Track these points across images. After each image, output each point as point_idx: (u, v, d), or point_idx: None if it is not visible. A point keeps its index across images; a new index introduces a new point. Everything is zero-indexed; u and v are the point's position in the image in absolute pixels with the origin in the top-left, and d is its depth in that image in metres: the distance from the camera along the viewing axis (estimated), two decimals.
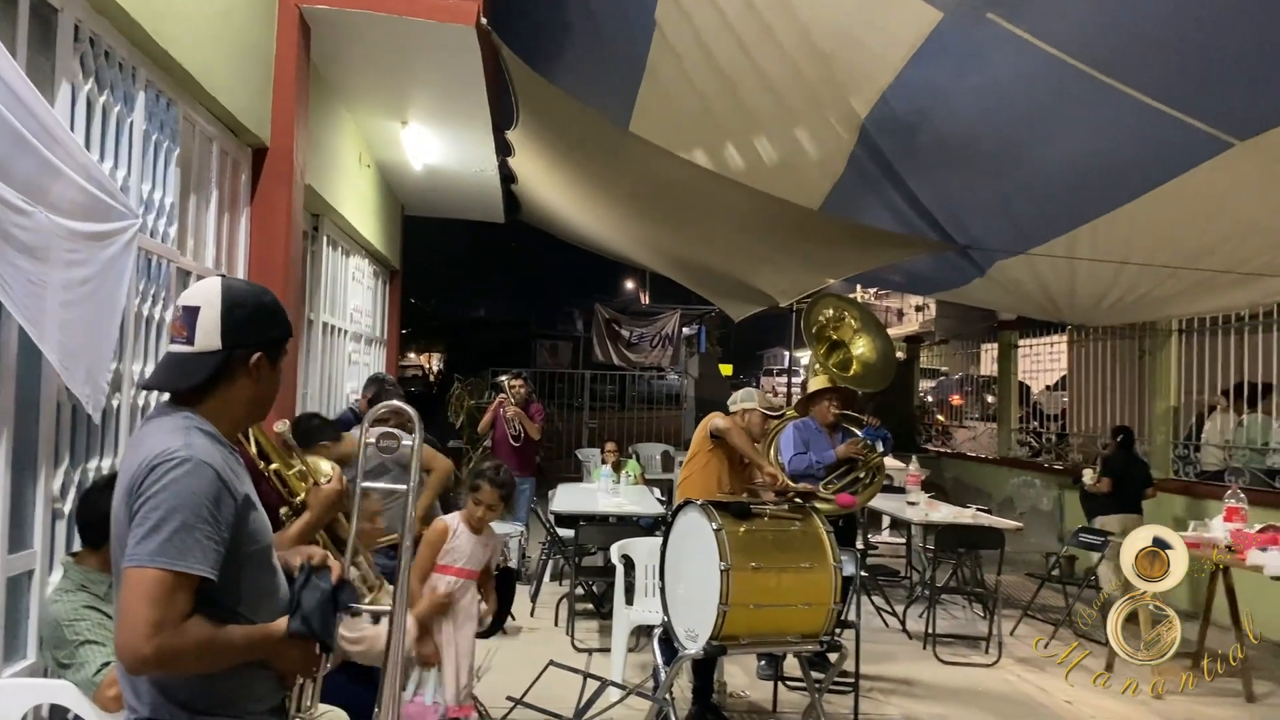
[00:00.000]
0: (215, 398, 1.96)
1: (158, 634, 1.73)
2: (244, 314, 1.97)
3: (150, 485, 1.80)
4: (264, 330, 2.00)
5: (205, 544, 1.79)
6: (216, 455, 1.88)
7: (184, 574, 1.76)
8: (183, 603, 1.77)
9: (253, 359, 1.97)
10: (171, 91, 4.26)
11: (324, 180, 6.60)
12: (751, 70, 5.77)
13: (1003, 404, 12.66)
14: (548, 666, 4.91)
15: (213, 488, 1.83)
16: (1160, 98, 4.69)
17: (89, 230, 3.21)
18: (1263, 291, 6.74)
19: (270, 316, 2.03)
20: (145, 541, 1.77)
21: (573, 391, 17.18)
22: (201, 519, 1.80)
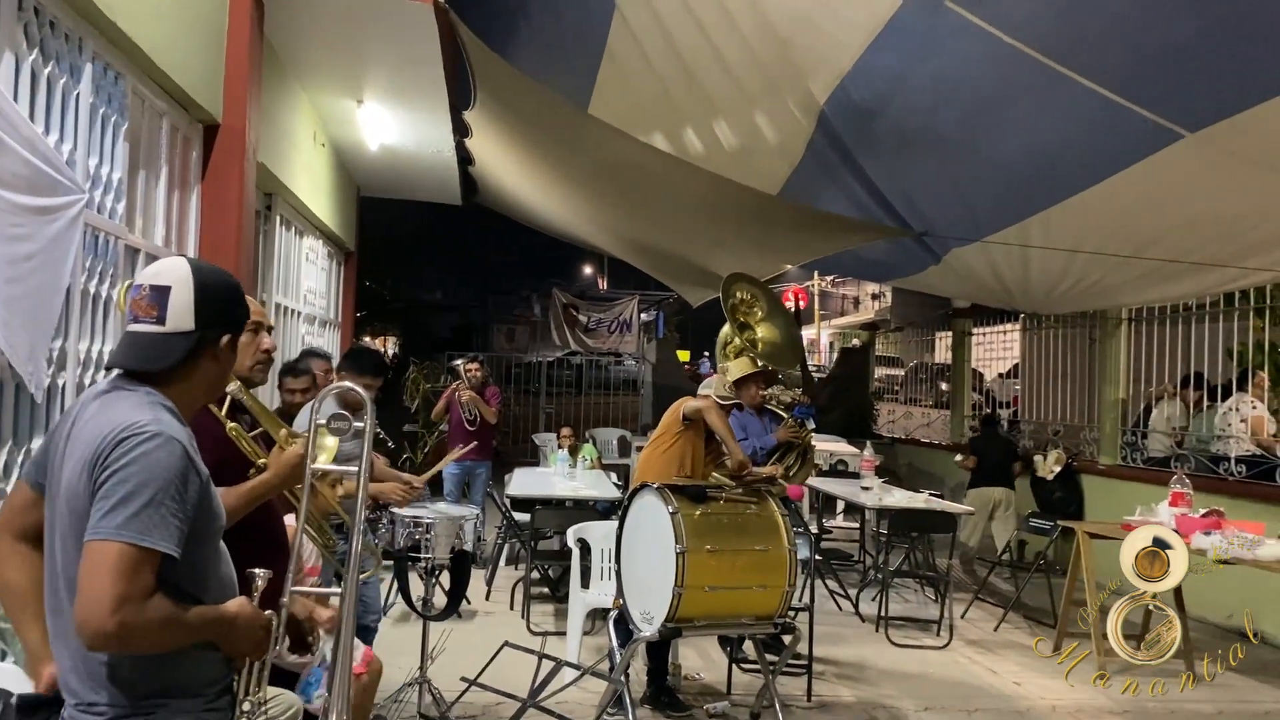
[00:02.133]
0: (182, 378, 1.95)
1: (121, 609, 1.70)
2: (215, 295, 1.98)
3: (118, 458, 1.77)
4: (233, 311, 2.03)
5: (171, 521, 1.77)
6: (183, 433, 1.87)
7: (150, 550, 1.74)
8: (147, 579, 1.74)
9: (223, 340, 1.99)
10: (120, 65, 4.16)
11: (277, 159, 6.50)
12: (711, 54, 5.76)
13: (956, 391, 12.81)
14: (502, 647, 4.90)
15: (181, 464, 1.81)
16: (1113, 88, 4.75)
17: (34, 205, 3.13)
18: (1209, 281, 6.87)
19: (237, 298, 2.06)
20: (112, 515, 1.74)
21: (530, 376, 17.13)
22: (170, 495, 1.78)
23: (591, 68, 6.27)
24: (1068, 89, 4.81)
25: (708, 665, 5.92)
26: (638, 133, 6.79)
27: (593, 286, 30.26)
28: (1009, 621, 7.29)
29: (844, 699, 5.49)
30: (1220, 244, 6.12)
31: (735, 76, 5.92)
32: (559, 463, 8.26)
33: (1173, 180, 5.41)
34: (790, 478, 5.62)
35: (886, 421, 14.96)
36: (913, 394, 15.92)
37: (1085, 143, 5.43)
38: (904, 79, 5.46)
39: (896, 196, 6.73)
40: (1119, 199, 5.74)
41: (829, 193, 6.99)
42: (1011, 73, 4.94)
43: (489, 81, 7.00)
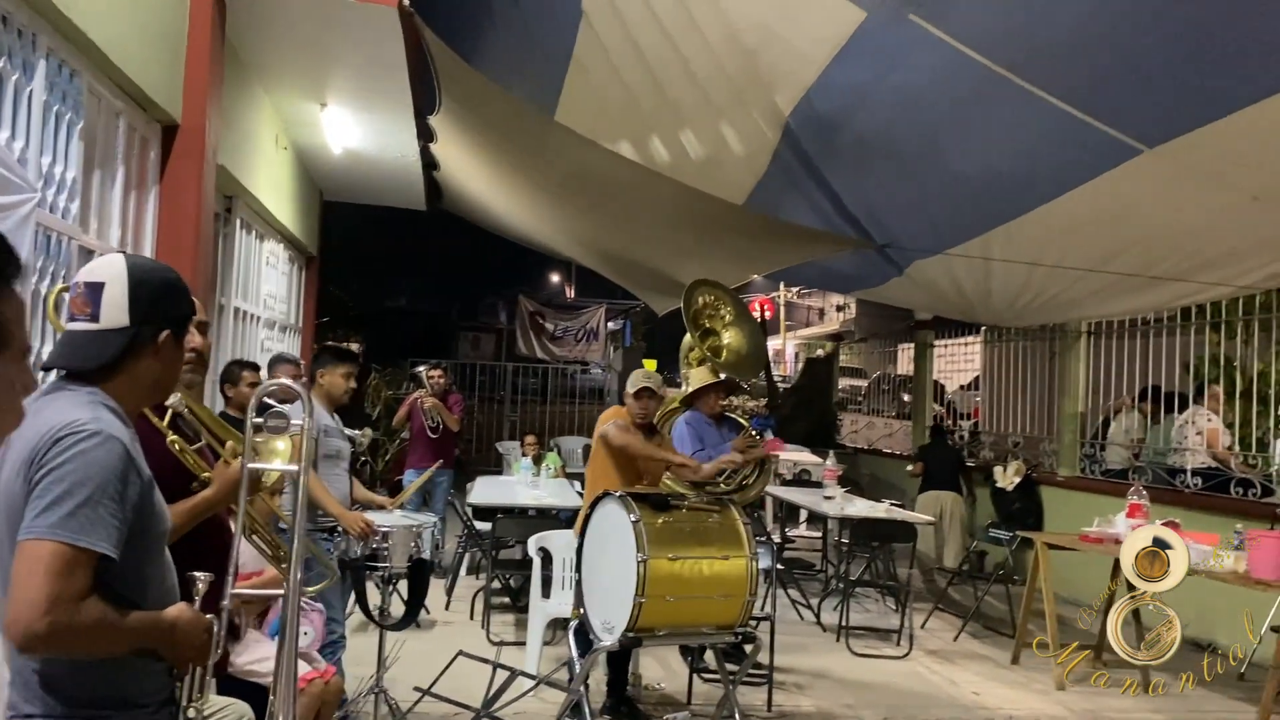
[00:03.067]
0: (122, 376, 1.90)
1: (53, 610, 1.65)
2: (151, 290, 1.92)
3: (55, 456, 1.72)
4: (171, 307, 1.96)
5: (109, 521, 1.72)
6: (124, 433, 1.82)
7: (86, 550, 1.69)
8: (82, 580, 1.68)
9: (161, 336, 1.91)
10: (75, 61, 4.08)
11: (238, 161, 6.42)
12: (678, 64, 5.77)
13: (918, 403, 12.90)
14: (456, 656, 4.85)
15: (121, 464, 1.76)
16: (1074, 103, 4.80)
17: None
18: (1167, 295, 6.96)
19: (177, 293, 1.99)
20: (46, 514, 1.69)
21: (495, 384, 17.04)
22: (108, 495, 1.73)
23: (558, 75, 6.25)
24: (1029, 103, 4.86)
25: (668, 675, 5.89)
26: (604, 141, 6.77)
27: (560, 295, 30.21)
28: (968, 631, 7.34)
29: (804, 708, 5.49)
30: (1178, 259, 6.21)
31: (702, 87, 5.92)
32: (522, 471, 8.21)
33: (1131, 195, 5.48)
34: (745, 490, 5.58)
35: (849, 432, 15.04)
36: (876, 405, 16.02)
37: (1046, 157, 5.48)
38: (867, 92, 5.49)
39: (860, 208, 6.77)
40: (1079, 213, 5.81)
41: (794, 203, 7.02)
42: (974, 87, 4.98)
43: (454, 86, 6.96)
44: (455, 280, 32.26)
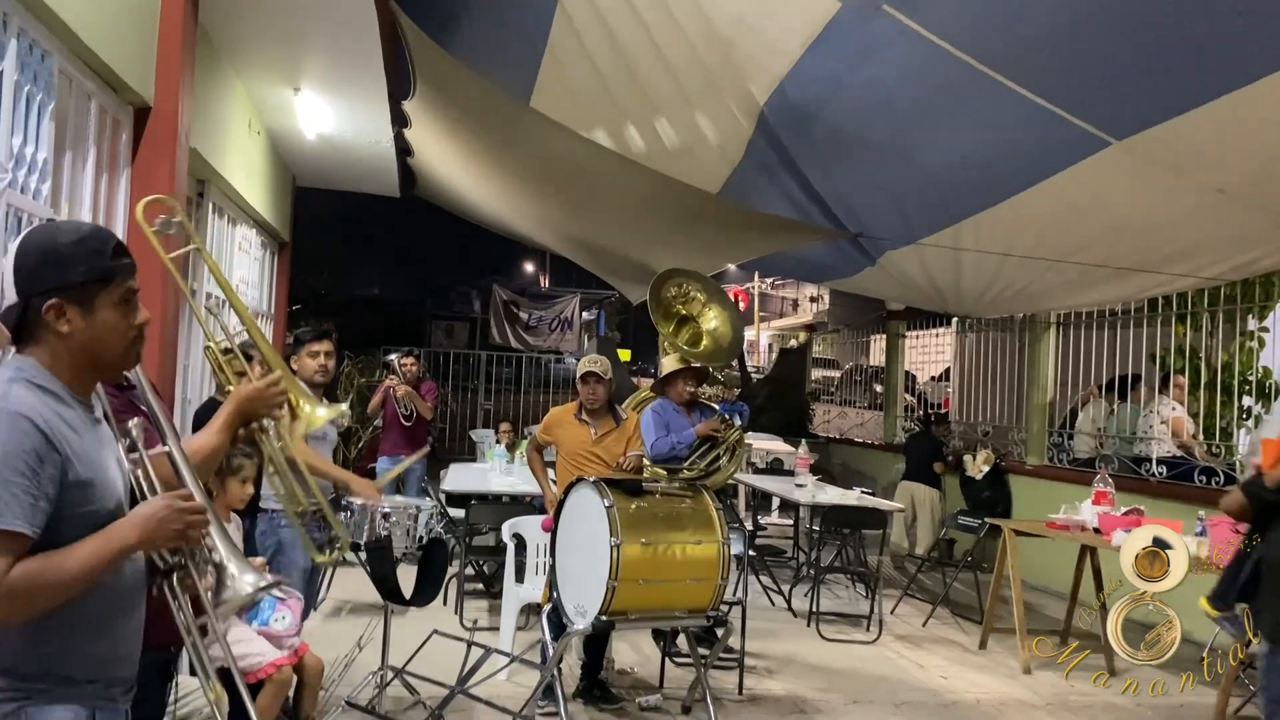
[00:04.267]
0: (38, 349, 1.84)
1: None
2: (31, 262, 1.82)
3: None
4: (55, 275, 1.80)
5: (21, 498, 1.68)
6: (39, 408, 1.76)
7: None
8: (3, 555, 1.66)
9: (47, 306, 1.80)
10: (46, 42, 4.04)
11: (210, 145, 6.37)
12: (653, 53, 5.78)
13: (889, 393, 13.01)
14: (431, 635, 4.88)
15: (27, 440, 1.71)
16: (1044, 95, 4.87)
17: None
18: (1133, 287, 7.06)
19: (60, 259, 1.81)
20: None
21: (469, 373, 17.00)
22: (15, 470, 1.68)
23: (533, 62, 6.25)
24: (1000, 95, 4.92)
25: (641, 659, 5.94)
26: (579, 128, 6.78)
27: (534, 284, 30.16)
28: (937, 617, 7.43)
29: (774, 692, 5.55)
30: (1144, 250, 6.31)
31: (677, 76, 5.94)
32: (496, 458, 8.22)
33: (1100, 187, 5.56)
34: (716, 473, 5.62)
35: (822, 421, 15.13)
36: (848, 395, 16.12)
37: (1016, 148, 5.55)
38: (840, 82, 5.53)
39: (832, 198, 6.82)
40: (1048, 204, 5.88)
41: (767, 193, 7.05)
42: (945, 78, 5.03)
43: (429, 72, 6.94)
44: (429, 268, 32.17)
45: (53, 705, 1.79)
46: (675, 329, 5.97)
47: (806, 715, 5.22)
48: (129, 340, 1.90)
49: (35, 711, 1.77)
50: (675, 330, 5.96)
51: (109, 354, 1.88)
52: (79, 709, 1.81)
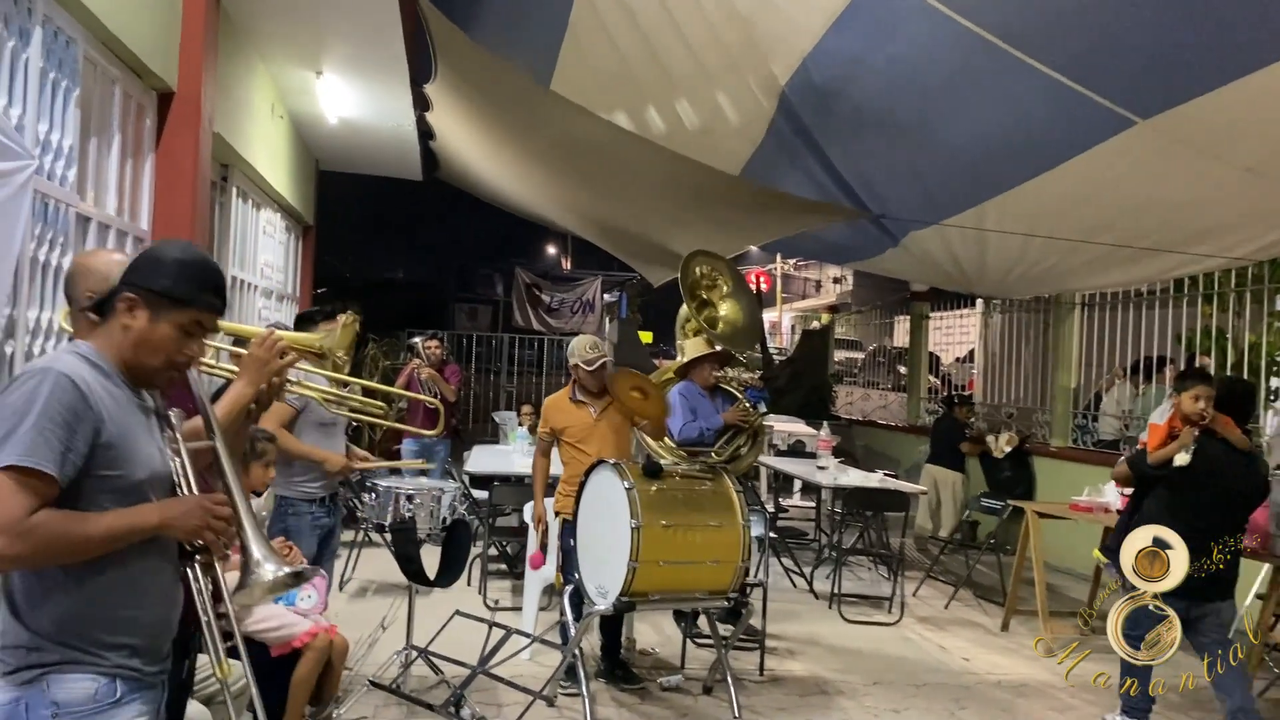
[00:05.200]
0: (105, 330, 2.01)
1: (2, 534, 1.73)
2: (140, 259, 2.04)
3: (14, 394, 1.83)
4: (148, 277, 1.99)
5: (52, 443, 1.79)
6: (85, 372, 1.89)
7: (21, 469, 1.76)
8: (25, 499, 1.76)
9: (124, 296, 1.97)
10: (71, 29, 4.09)
11: (234, 129, 6.41)
12: (674, 33, 5.75)
13: (913, 374, 12.96)
14: (453, 616, 4.93)
15: (64, 395, 1.83)
16: (1069, 74, 4.80)
17: None
18: (1160, 267, 6.99)
19: (159, 266, 2.00)
20: None
21: (492, 355, 17.06)
22: (51, 420, 1.80)
23: (554, 43, 6.24)
24: (1024, 74, 4.86)
25: (662, 640, 5.98)
26: (600, 110, 6.76)
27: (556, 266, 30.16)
28: (959, 599, 7.43)
29: (796, 673, 5.57)
30: (1170, 230, 6.23)
31: (697, 56, 5.91)
32: (518, 440, 8.26)
33: (1125, 166, 5.49)
34: (739, 459, 5.61)
35: (844, 403, 15.10)
36: (871, 377, 16.07)
37: (1040, 128, 5.48)
38: (863, 61, 5.49)
39: (855, 178, 6.78)
40: (1073, 184, 5.82)
41: (789, 174, 7.01)
42: (968, 57, 4.98)
43: (450, 55, 6.94)
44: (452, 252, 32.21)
45: (75, 674, 1.86)
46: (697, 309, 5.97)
47: (828, 696, 5.23)
48: (170, 361, 2.02)
49: (56, 679, 1.85)
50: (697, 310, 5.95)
51: (149, 362, 2.01)
52: (100, 678, 1.88)
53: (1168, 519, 4.24)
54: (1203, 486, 4.48)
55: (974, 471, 9.52)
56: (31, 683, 1.84)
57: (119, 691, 1.90)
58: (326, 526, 4.60)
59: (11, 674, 1.85)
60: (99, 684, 1.88)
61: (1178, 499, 4.52)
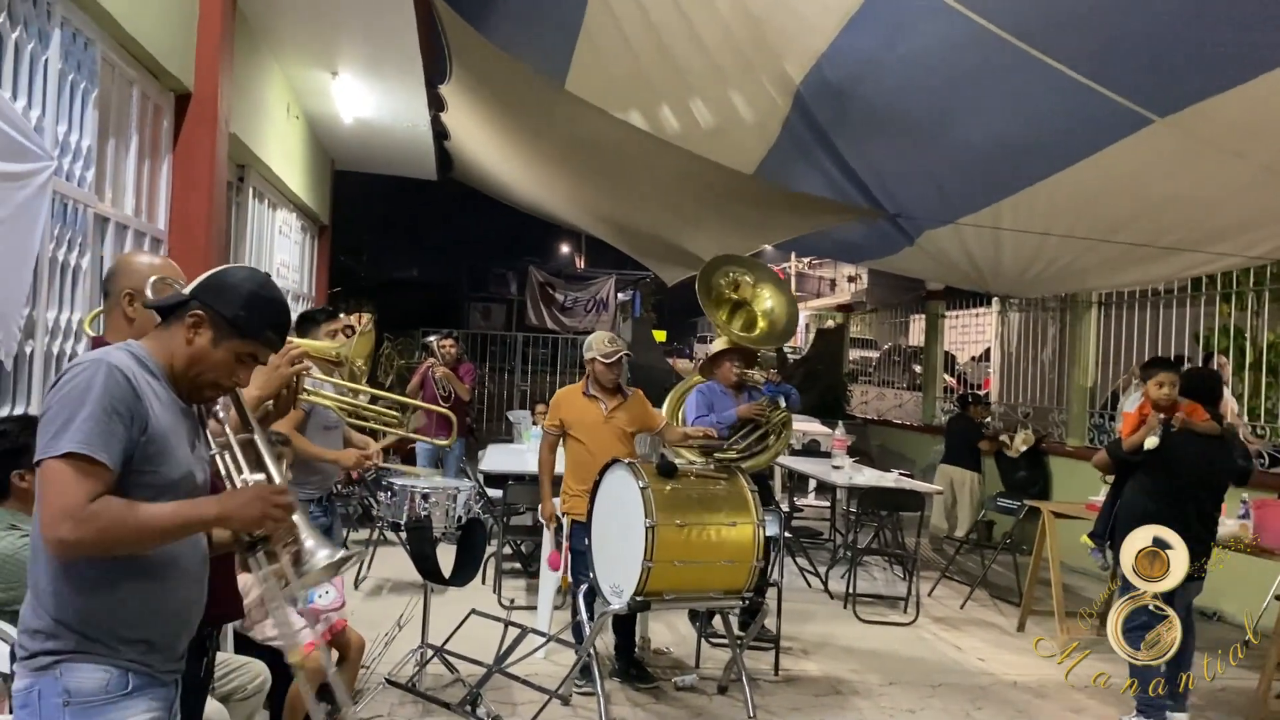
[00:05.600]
0: (164, 333, 2.06)
1: (66, 519, 1.78)
2: (219, 280, 2.09)
3: (53, 393, 1.88)
4: (217, 298, 2.05)
5: (108, 435, 1.84)
6: (134, 368, 1.93)
7: (80, 456, 1.80)
8: (87, 485, 1.80)
9: (190, 311, 2.02)
10: (89, 31, 4.12)
11: (250, 130, 6.45)
12: (688, 32, 5.75)
13: (928, 373, 12.92)
14: (469, 615, 4.94)
15: (117, 387, 1.87)
16: (1085, 72, 4.78)
17: (2, 171, 3.10)
18: (1176, 266, 6.95)
19: (234, 294, 2.06)
20: (42, 438, 1.83)
21: (506, 354, 17.09)
22: (105, 410, 1.84)
23: (568, 43, 6.24)
24: (1040, 72, 4.84)
25: (677, 640, 5.98)
26: (614, 109, 6.77)
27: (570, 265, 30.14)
28: (975, 599, 7.40)
29: (810, 673, 5.56)
30: (1188, 229, 6.20)
31: (711, 55, 5.91)
32: (533, 439, 8.26)
33: (1142, 165, 5.46)
34: (755, 457, 5.59)
35: (859, 402, 15.06)
36: (886, 376, 16.02)
37: (1057, 126, 5.46)
38: (878, 60, 5.47)
39: (870, 177, 6.76)
40: (1090, 182, 5.80)
41: (804, 173, 7.01)
42: (984, 55, 4.96)
43: (465, 55, 6.96)
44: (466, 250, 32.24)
45: (87, 663, 1.89)
46: (729, 316, 5.97)
47: (843, 696, 5.22)
48: (217, 383, 2.08)
49: (69, 667, 1.88)
50: (729, 318, 5.96)
51: (199, 379, 2.06)
52: (113, 670, 1.91)
53: (1146, 500, 4.80)
54: (1174, 468, 4.81)
55: (990, 471, 9.48)
56: (46, 669, 1.87)
57: (130, 684, 1.92)
58: (324, 525, 4.64)
59: (28, 659, 1.89)
60: (111, 675, 1.90)
61: (1154, 481, 4.89)
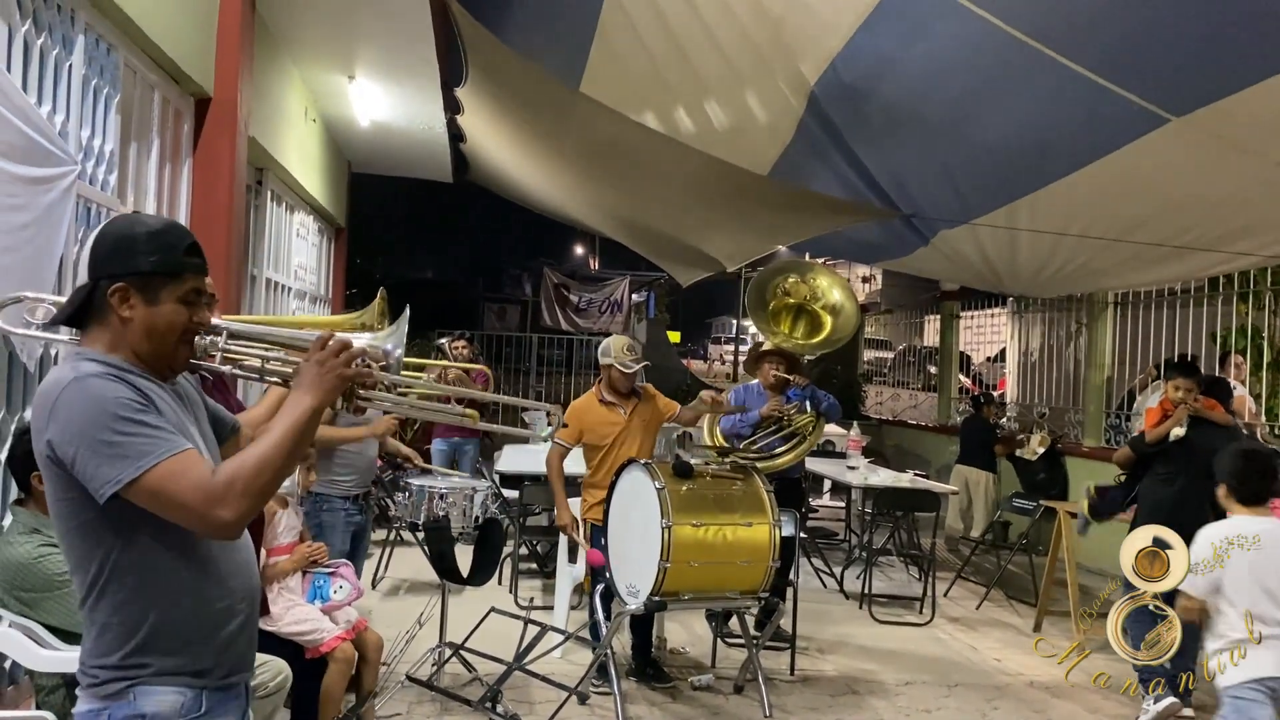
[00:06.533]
0: (101, 330, 1.89)
1: (212, 506, 1.73)
2: (107, 246, 1.89)
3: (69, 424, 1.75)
4: (125, 260, 1.86)
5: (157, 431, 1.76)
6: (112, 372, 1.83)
7: (164, 458, 1.73)
8: (196, 469, 1.74)
9: (114, 289, 1.85)
10: (112, 36, 4.17)
11: (268, 133, 6.50)
12: (703, 33, 5.78)
13: (943, 373, 12.89)
14: (489, 613, 4.98)
15: (122, 390, 1.78)
16: (1100, 72, 4.78)
17: (28, 175, 3.15)
18: (1194, 265, 6.93)
19: (133, 246, 1.87)
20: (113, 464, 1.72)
21: (520, 355, 17.14)
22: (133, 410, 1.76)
23: (583, 45, 6.28)
24: (1055, 72, 4.85)
25: (692, 640, 5.99)
26: (629, 111, 6.80)
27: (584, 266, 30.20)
28: (991, 600, 7.39)
29: (826, 673, 5.57)
30: (1205, 228, 6.18)
31: (727, 56, 5.93)
32: (546, 430, 8.29)
33: (1158, 164, 5.46)
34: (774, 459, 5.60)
35: (874, 403, 15.04)
36: (901, 377, 15.99)
37: (1072, 126, 5.46)
38: (893, 61, 5.49)
39: (885, 178, 6.77)
40: (1106, 182, 5.79)
41: (818, 173, 7.02)
42: (999, 56, 4.97)
43: (481, 58, 6.99)
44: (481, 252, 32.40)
45: (163, 686, 1.85)
46: (790, 326, 5.99)
47: (859, 696, 5.23)
48: (184, 335, 1.93)
49: (143, 691, 1.84)
50: (790, 327, 5.98)
51: (163, 346, 1.91)
52: (186, 690, 1.87)
53: (1165, 487, 5.15)
54: (1193, 457, 4.98)
55: (1005, 471, 9.46)
56: (117, 695, 1.83)
57: (204, 705, 1.89)
58: (359, 524, 4.74)
59: (96, 686, 1.84)
60: (185, 697, 1.86)
61: (1173, 470, 5.16)
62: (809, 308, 6.08)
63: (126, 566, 1.83)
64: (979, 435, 9.21)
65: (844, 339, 6.29)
